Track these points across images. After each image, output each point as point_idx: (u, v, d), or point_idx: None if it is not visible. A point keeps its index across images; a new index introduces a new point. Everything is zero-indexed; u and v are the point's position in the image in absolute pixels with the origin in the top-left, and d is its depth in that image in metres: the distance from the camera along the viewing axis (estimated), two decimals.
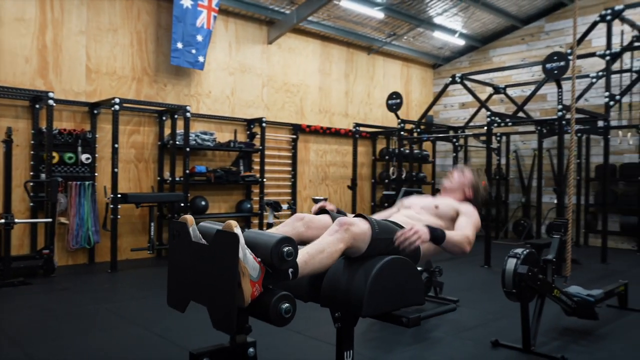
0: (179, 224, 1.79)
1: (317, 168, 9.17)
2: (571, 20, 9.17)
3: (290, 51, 8.72)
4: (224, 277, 1.56)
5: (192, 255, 1.72)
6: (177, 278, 1.82)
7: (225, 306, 1.55)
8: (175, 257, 1.83)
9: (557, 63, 6.05)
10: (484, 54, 10.53)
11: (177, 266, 1.81)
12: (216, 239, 1.63)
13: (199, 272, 1.69)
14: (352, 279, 1.85)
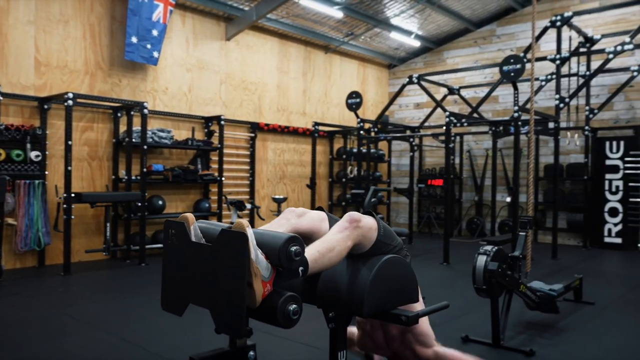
0: (176, 223, 1.71)
1: (275, 167, 9.10)
2: (521, 25, 9.55)
3: (249, 48, 8.60)
4: (232, 277, 1.49)
5: (192, 256, 1.64)
6: (173, 280, 1.73)
7: (233, 308, 1.48)
8: (171, 259, 1.74)
9: (513, 66, 6.24)
10: (438, 55, 10.75)
11: (173, 268, 1.73)
12: (222, 238, 1.56)
13: (200, 274, 1.62)
14: (351, 279, 1.82)
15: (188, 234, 1.67)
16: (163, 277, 1.76)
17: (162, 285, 1.77)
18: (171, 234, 1.71)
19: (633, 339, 3.80)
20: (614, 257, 7.69)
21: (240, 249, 1.47)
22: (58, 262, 6.19)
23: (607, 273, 6.57)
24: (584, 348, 3.59)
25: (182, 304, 1.71)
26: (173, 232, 1.71)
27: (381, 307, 1.84)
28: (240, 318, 1.46)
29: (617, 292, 5.30)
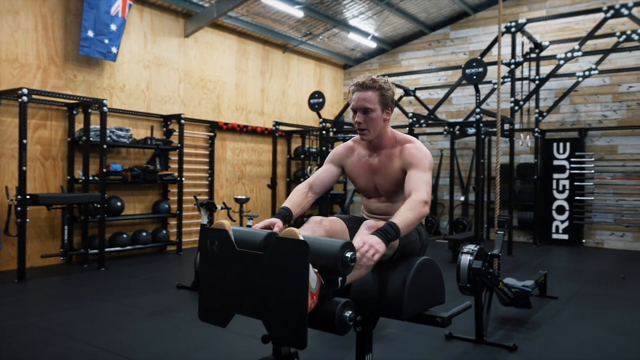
0: (217, 230, 1.64)
1: (234, 167, 8.96)
2: (473, 29, 9.86)
3: (208, 46, 8.42)
4: (291, 286, 1.44)
5: (239, 265, 1.58)
6: (214, 290, 1.66)
7: (292, 318, 1.43)
8: (211, 267, 1.66)
9: (476, 69, 6.44)
10: (393, 57, 10.93)
11: (214, 277, 1.65)
12: (276, 246, 1.51)
13: (249, 283, 1.55)
14: (386, 284, 1.82)
15: (232, 242, 1.61)
16: (202, 286, 1.69)
17: (201, 296, 1.70)
18: (211, 241, 1.64)
19: (600, 330, 4.01)
20: (562, 253, 8.09)
21: (299, 257, 1.43)
22: (9, 268, 5.84)
23: (560, 268, 6.90)
24: (559, 340, 3.75)
25: (226, 315, 1.65)
26: (214, 240, 1.64)
27: (417, 309, 1.85)
28: (302, 328, 1.42)
29: (574, 286, 5.58)
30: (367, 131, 2.19)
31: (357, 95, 2.18)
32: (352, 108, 2.20)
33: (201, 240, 1.68)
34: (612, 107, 8.69)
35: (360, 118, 2.18)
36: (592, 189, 8.68)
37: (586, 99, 8.87)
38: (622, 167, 8.46)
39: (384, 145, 2.26)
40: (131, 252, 7.09)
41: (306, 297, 1.42)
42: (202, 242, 1.67)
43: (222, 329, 3.90)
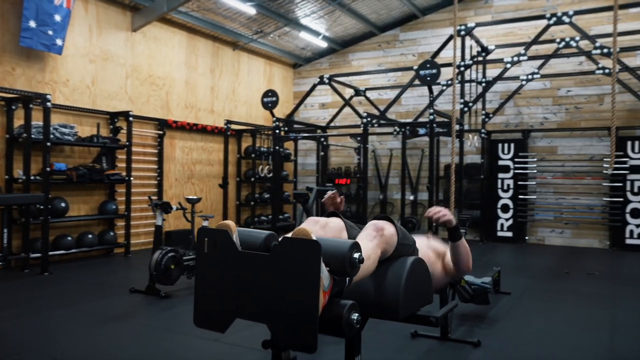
0: (216, 231, 1.55)
1: (184, 166, 8.72)
2: (422, 31, 10.06)
3: (156, 41, 8.15)
4: (301, 289, 1.38)
5: (242, 267, 1.50)
6: (213, 294, 1.57)
7: (302, 321, 1.38)
8: (209, 270, 1.57)
9: (429, 70, 6.56)
10: (343, 57, 10.98)
11: (212, 280, 1.56)
12: (285, 247, 1.44)
13: (253, 286, 1.48)
14: (381, 284, 1.79)
15: (234, 243, 1.53)
16: (198, 290, 1.60)
17: (197, 300, 1.60)
18: (209, 243, 1.56)
19: (554, 323, 4.17)
20: (507, 250, 8.39)
21: (310, 258, 1.37)
22: None
23: (508, 264, 7.14)
24: (518, 334, 3.87)
25: (225, 320, 1.56)
26: (212, 242, 1.55)
27: (411, 309, 1.83)
28: (313, 331, 1.36)
29: (524, 282, 5.78)
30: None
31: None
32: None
33: (198, 242, 1.59)
34: (552, 110, 9.10)
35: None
36: (534, 188, 9.06)
37: (529, 101, 9.25)
38: (562, 167, 8.88)
39: None
40: (76, 255, 6.75)
41: (317, 300, 1.37)
42: (200, 244, 1.58)
43: (185, 334, 3.79)
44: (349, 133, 9.61)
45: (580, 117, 8.90)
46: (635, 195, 8.28)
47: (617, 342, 3.71)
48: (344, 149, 10.81)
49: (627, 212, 8.32)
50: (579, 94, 8.92)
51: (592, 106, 8.83)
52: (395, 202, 10.41)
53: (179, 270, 5.08)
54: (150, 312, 4.40)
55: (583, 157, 8.80)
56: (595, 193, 8.65)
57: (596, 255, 7.94)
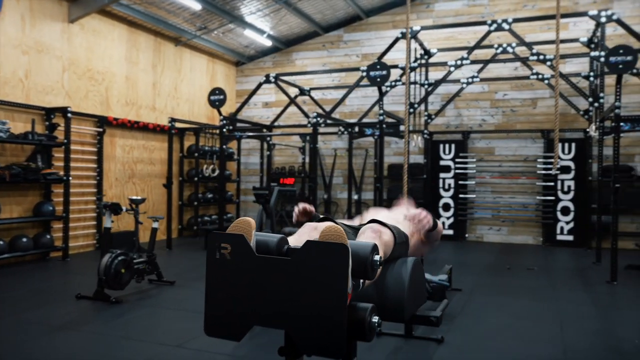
0: (233, 235, 1.47)
1: (124, 165, 8.36)
2: (366, 33, 10.18)
3: (95, 34, 7.76)
4: (327, 293, 1.34)
5: (261, 272, 1.43)
6: (226, 301, 1.49)
7: (329, 327, 1.33)
8: (223, 276, 1.49)
9: (379, 72, 6.64)
10: (287, 56, 10.93)
11: (225, 286, 1.48)
12: (309, 251, 1.39)
13: (273, 291, 1.41)
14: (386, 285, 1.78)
15: (250, 247, 1.46)
16: (209, 298, 1.51)
17: (208, 308, 1.52)
18: (221, 247, 1.48)
19: (507, 317, 4.35)
20: (449, 247, 8.66)
21: (339, 261, 1.33)
22: None
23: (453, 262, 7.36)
24: (477, 329, 4.00)
25: (241, 328, 1.49)
26: (225, 246, 1.47)
27: (413, 310, 1.83)
28: (342, 337, 1.32)
29: (472, 278, 5.99)
30: None
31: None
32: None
33: (209, 246, 1.51)
34: (490, 112, 9.49)
35: None
36: (473, 188, 9.41)
37: (468, 104, 9.60)
38: (499, 167, 9.28)
39: None
40: (8, 260, 6.31)
41: (345, 304, 1.34)
42: (210, 248, 1.50)
43: (145, 341, 3.63)
44: (297, 132, 9.60)
45: (515, 119, 9.34)
46: (565, 194, 8.79)
47: (567, 334, 3.91)
48: (288, 148, 10.77)
49: (558, 210, 8.82)
50: (515, 97, 9.36)
51: (526, 109, 9.29)
52: (339, 202, 10.50)
53: (129, 274, 4.88)
54: (103, 319, 4.18)
55: (518, 157, 9.24)
56: (530, 192, 9.11)
57: (531, 251, 8.36)
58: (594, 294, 5.32)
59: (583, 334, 3.94)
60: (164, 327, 4.00)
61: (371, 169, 10.14)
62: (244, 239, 1.48)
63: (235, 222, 1.56)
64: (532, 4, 9.33)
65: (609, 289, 5.58)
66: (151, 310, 4.46)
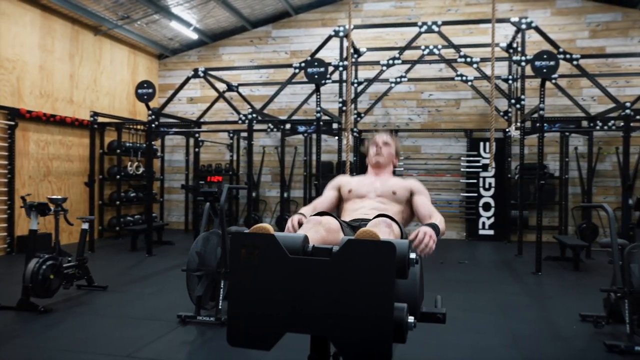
0: (263, 236, 1.33)
1: (39, 162, 7.71)
2: (295, 29, 10.13)
3: (3, 17, 7.08)
4: (372, 295, 1.25)
5: (296, 275, 1.30)
6: (256, 308, 1.34)
7: (374, 330, 1.24)
8: (250, 281, 1.34)
9: (317, 69, 6.61)
10: (213, 50, 10.62)
11: (254, 292, 1.34)
12: (349, 250, 1.29)
13: (312, 296, 1.29)
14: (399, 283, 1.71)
15: (282, 249, 1.33)
16: (234, 304, 1.36)
17: (232, 316, 1.37)
18: (248, 250, 1.34)
19: (455, 311, 4.45)
20: None
21: (384, 261, 1.25)
22: None
23: None
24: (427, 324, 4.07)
25: (272, 336, 1.36)
26: (253, 248, 1.34)
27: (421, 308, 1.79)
28: (388, 340, 1.25)
29: None
30: (382, 156, 2.81)
31: (382, 137, 2.89)
32: (375, 143, 2.86)
33: (232, 248, 1.37)
34: (416, 111, 9.78)
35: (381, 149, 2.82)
36: None
37: (396, 103, 9.83)
38: (425, 165, 9.59)
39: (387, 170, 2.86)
40: None
41: (392, 306, 1.26)
42: (234, 250, 1.36)
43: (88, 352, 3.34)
44: (229, 129, 9.34)
45: (440, 119, 9.70)
46: (486, 190, 9.26)
47: (511, 323, 4.09)
48: (214, 145, 10.47)
49: (480, 206, 9.26)
50: (440, 97, 9.71)
51: (450, 109, 9.67)
52: (268, 200, 10.37)
53: (58, 280, 4.50)
54: (33, 331, 3.80)
55: (443, 155, 9.60)
56: (454, 189, 9.50)
57: (457, 245, 8.71)
58: (523, 284, 5.62)
59: (525, 323, 4.13)
60: (107, 336, 3.71)
61: (300, 166, 10.11)
62: (274, 240, 1.36)
63: (253, 227, 1.44)
64: (455, 8, 9.73)
65: (535, 279, 5.92)
66: (88, 319, 4.13)
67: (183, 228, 10.29)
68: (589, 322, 4.08)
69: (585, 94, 9.08)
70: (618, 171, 8.87)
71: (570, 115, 8.46)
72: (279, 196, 10.04)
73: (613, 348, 3.44)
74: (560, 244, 7.07)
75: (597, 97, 8.98)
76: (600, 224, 8.86)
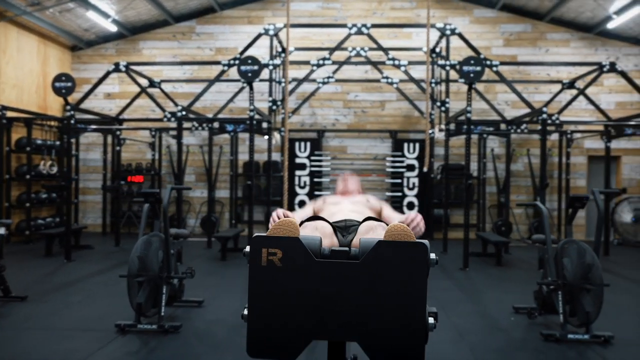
0: (287, 239, 1.23)
1: None
2: (220, 26, 9.92)
3: None
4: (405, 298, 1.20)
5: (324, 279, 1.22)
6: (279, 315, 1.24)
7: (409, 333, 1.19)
8: (273, 286, 1.24)
9: (251, 67, 6.49)
10: (133, 44, 10.11)
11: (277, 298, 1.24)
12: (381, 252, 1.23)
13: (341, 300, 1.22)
14: None
15: (308, 251, 1.25)
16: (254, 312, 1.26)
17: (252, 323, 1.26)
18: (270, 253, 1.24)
19: None
20: None
21: (419, 261, 1.21)
22: None
23: None
24: None
25: (298, 344, 1.27)
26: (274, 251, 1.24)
27: None
28: (422, 342, 1.21)
29: None
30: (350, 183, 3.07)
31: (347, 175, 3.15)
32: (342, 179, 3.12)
33: (252, 252, 1.26)
34: (342, 112, 9.90)
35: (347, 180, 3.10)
36: (328, 185, 9.73)
37: (322, 103, 9.89)
38: (351, 165, 9.73)
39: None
40: None
41: (425, 307, 1.23)
42: (254, 255, 1.26)
43: None
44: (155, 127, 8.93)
45: (366, 120, 9.88)
46: (410, 190, 9.56)
47: (453, 318, 4.24)
48: (134, 143, 9.98)
49: (404, 205, 9.54)
50: (365, 99, 9.90)
51: (375, 111, 9.88)
52: (192, 200, 10.05)
53: None
54: None
55: (369, 156, 9.79)
56: (380, 189, 9.70)
57: None
58: (454, 280, 5.86)
59: (465, 317, 4.30)
60: (38, 352, 3.39)
61: (225, 166, 9.89)
62: (299, 243, 1.28)
63: (276, 224, 1.35)
64: (380, 12, 9.96)
65: (464, 275, 6.19)
66: (11, 334, 3.76)
67: (100, 231, 9.70)
68: (523, 313, 4.32)
69: (500, 99, 9.64)
70: (529, 171, 9.51)
71: (487, 118, 8.94)
72: (204, 196, 9.76)
73: (549, 337, 3.66)
74: (483, 240, 7.44)
75: (510, 102, 9.57)
76: (514, 222, 9.46)
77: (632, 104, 9.50)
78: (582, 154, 9.69)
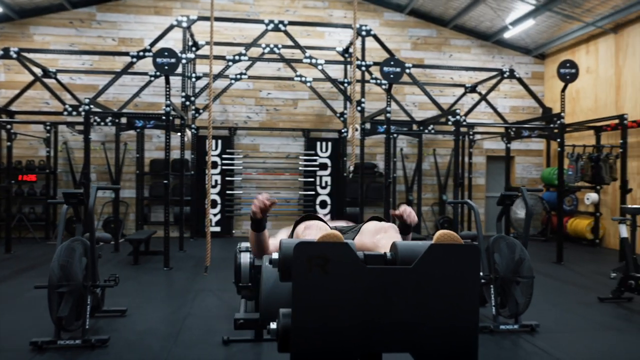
0: (335, 245, 1.09)
1: None
2: (124, 15, 9.34)
3: None
4: (461, 303, 1.11)
5: (375, 287, 1.10)
6: (325, 328, 1.09)
7: (463, 341, 1.11)
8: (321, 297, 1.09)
9: (168, 59, 6.14)
10: (22, 28, 9.17)
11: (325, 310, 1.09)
12: (434, 256, 1.13)
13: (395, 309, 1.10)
14: None
15: (358, 258, 1.12)
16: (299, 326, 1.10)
17: (296, 337, 1.10)
18: (316, 262, 1.10)
19: None
20: (218, 244, 8.51)
21: (471, 265, 1.13)
22: None
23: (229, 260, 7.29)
24: None
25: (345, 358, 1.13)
26: (320, 260, 1.10)
27: None
28: (474, 351, 1.14)
29: None
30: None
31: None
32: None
33: (296, 261, 1.11)
34: (255, 110, 9.72)
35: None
36: (240, 184, 9.50)
37: (234, 100, 9.64)
38: (264, 163, 9.59)
39: None
40: None
41: (477, 312, 1.16)
42: (299, 264, 1.11)
43: None
44: (50, 121, 8.14)
45: (278, 118, 9.78)
46: (323, 189, 9.62)
47: None
48: (25, 139, 9.06)
49: (317, 203, 9.58)
50: (278, 97, 9.79)
51: (288, 109, 9.81)
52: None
53: None
54: None
55: (281, 154, 9.70)
56: (292, 187, 9.66)
57: None
58: None
59: None
60: None
61: (130, 164, 9.31)
62: (349, 249, 1.15)
63: (323, 236, 1.22)
64: (293, 10, 9.90)
65: None
66: None
67: None
68: None
69: (409, 100, 10.00)
70: (435, 170, 9.96)
71: (397, 119, 9.21)
72: (105, 197, 9.12)
73: (483, 329, 3.81)
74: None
75: (418, 103, 9.96)
76: (423, 219, 9.86)
77: (524, 108, 10.29)
78: (481, 154, 10.33)
